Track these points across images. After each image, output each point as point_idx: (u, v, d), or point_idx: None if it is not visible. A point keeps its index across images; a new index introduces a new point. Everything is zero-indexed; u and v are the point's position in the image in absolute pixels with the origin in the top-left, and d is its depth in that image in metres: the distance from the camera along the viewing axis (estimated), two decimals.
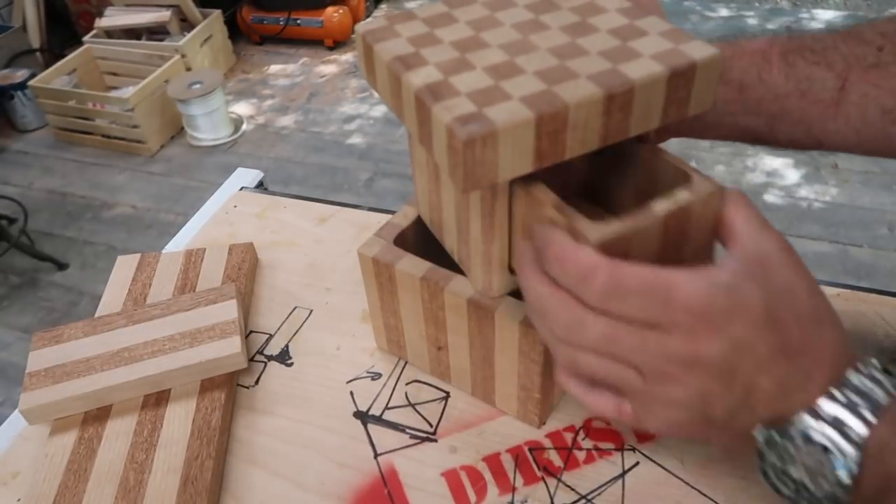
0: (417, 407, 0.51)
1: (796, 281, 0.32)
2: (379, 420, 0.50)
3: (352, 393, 0.52)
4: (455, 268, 0.46)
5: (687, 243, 0.36)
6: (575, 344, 0.33)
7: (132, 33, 2.66)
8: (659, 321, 0.31)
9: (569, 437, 0.48)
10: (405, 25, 0.39)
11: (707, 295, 0.30)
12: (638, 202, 0.38)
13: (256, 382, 0.54)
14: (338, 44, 2.95)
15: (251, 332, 0.59)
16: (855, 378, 0.31)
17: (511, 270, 0.42)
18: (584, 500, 0.44)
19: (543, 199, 0.37)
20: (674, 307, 0.30)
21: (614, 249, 0.33)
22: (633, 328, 0.31)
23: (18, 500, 0.48)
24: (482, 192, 0.38)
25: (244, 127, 2.50)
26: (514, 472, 0.46)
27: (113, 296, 0.60)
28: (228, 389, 0.52)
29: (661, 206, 0.34)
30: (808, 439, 0.31)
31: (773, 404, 0.32)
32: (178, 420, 0.49)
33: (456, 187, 0.40)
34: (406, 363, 0.54)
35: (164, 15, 2.60)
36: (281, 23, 2.88)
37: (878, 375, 0.31)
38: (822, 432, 0.31)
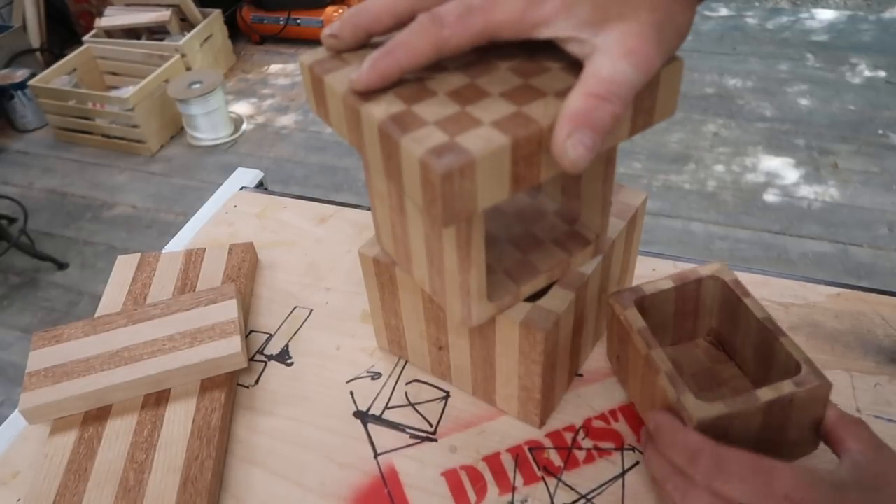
0: (417, 407, 0.51)
1: None
2: (379, 420, 0.50)
3: (352, 393, 0.52)
4: None
5: (790, 427, 0.39)
6: None
7: (132, 33, 2.67)
8: None
9: (569, 436, 0.48)
10: (355, 54, 0.37)
11: (810, 488, 0.33)
12: (756, 362, 0.45)
13: (256, 382, 0.54)
14: None
15: (251, 331, 0.59)
16: None
17: (489, 299, 0.41)
18: (584, 500, 0.44)
19: (659, 367, 0.40)
20: (775, 494, 0.33)
21: (716, 427, 0.37)
22: None
23: (18, 500, 0.48)
24: (457, 225, 0.36)
25: (244, 127, 2.50)
26: (514, 472, 0.46)
27: (113, 296, 0.60)
28: (228, 389, 0.52)
29: (765, 394, 0.38)
30: None
31: None
32: (178, 420, 0.49)
33: (432, 222, 0.38)
34: (406, 363, 0.54)
35: (163, 15, 2.60)
36: (281, 22, 2.88)
37: None
38: None
